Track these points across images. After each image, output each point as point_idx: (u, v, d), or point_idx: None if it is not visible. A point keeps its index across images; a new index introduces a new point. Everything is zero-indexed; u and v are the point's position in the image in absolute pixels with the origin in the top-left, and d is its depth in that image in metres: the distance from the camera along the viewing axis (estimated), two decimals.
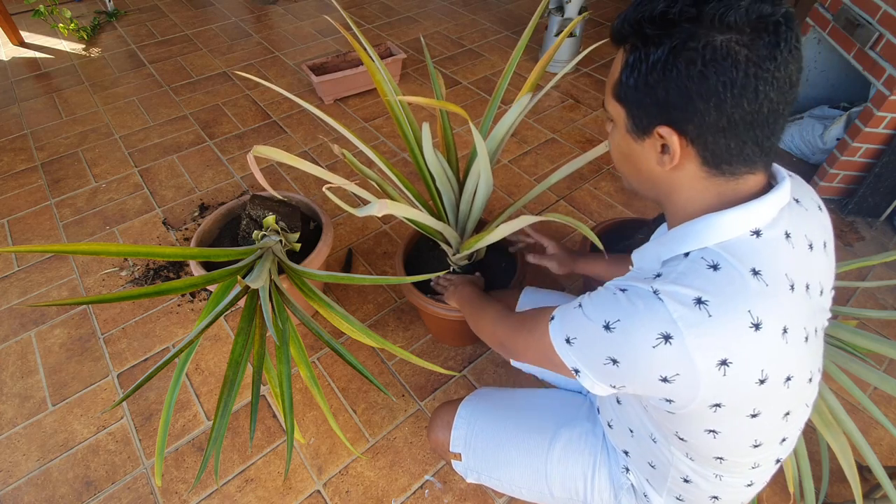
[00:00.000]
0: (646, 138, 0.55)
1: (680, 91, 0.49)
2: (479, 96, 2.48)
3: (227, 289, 1.09)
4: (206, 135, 2.25)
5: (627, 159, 0.60)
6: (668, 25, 0.48)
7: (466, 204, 1.11)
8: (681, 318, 0.50)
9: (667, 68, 0.49)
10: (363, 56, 1.00)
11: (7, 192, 1.97)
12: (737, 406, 0.54)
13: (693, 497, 0.72)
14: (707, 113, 0.49)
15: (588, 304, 0.58)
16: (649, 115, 0.53)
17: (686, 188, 0.57)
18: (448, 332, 1.41)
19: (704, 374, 0.50)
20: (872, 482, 1.15)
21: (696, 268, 0.53)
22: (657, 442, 0.69)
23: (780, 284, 0.52)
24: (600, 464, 0.83)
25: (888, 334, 1.50)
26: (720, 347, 0.50)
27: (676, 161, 0.54)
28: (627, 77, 0.53)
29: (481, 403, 0.95)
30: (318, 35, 2.99)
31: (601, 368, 0.56)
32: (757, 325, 0.50)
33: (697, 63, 0.47)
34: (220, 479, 1.21)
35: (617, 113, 0.57)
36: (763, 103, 0.49)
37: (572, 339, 0.59)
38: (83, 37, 2.94)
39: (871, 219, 1.87)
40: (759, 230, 0.54)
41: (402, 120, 1.08)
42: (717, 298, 0.50)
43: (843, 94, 2.15)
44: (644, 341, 0.51)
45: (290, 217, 1.34)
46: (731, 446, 0.60)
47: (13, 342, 1.49)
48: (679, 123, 0.52)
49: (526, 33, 1.09)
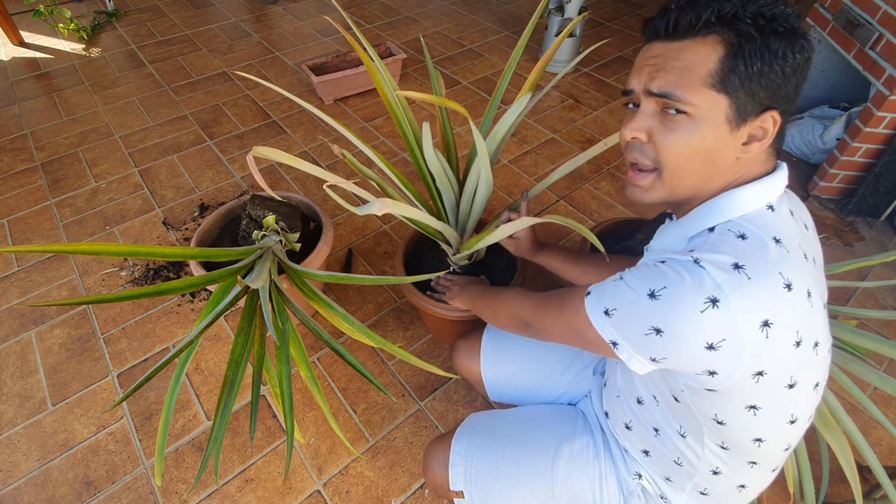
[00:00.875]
0: (742, 126, 0.57)
1: (788, 79, 0.55)
2: (478, 96, 2.48)
3: (227, 289, 1.09)
4: (206, 135, 2.25)
5: (705, 155, 0.58)
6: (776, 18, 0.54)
7: (466, 204, 1.11)
8: (724, 281, 0.52)
9: (782, 55, 0.54)
10: (363, 56, 1.00)
11: (7, 192, 1.97)
12: (777, 373, 0.55)
13: (719, 489, 0.71)
14: (795, 99, 0.57)
15: (629, 276, 0.58)
16: (756, 101, 0.56)
17: (734, 171, 0.60)
18: (448, 332, 1.41)
19: (749, 337, 0.52)
20: (872, 482, 1.15)
21: (726, 238, 0.56)
22: (686, 437, 0.68)
23: (797, 252, 0.56)
24: (607, 473, 0.82)
25: (888, 334, 1.50)
26: (762, 308, 0.52)
27: (767, 142, 0.58)
28: (744, 65, 0.54)
29: (475, 435, 0.92)
30: (318, 35, 2.99)
31: (642, 339, 0.56)
32: (789, 285, 0.53)
33: (804, 54, 0.54)
34: (220, 479, 1.21)
35: (711, 104, 0.56)
36: (800, 84, 0.57)
37: (612, 310, 0.58)
38: (83, 37, 2.94)
39: (871, 219, 1.87)
40: (773, 205, 0.59)
41: (401, 120, 1.08)
42: (752, 262, 0.53)
43: (843, 94, 2.15)
44: (692, 307, 0.52)
45: (290, 217, 1.34)
46: (770, 423, 0.60)
47: (13, 342, 1.49)
48: (785, 108, 0.57)
49: (526, 33, 1.09)
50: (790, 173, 2.03)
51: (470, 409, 1.33)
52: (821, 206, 1.91)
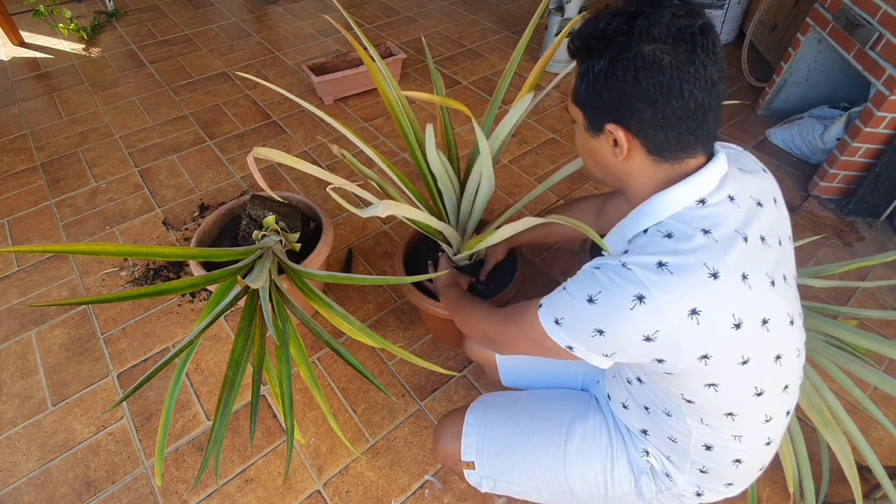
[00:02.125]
0: (600, 135, 0.65)
1: (620, 93, 0.59)
2: (479, 96, 2.48)
3: (227, 289, 1.09)
4: (206, 135, 2.25)
5: (589, 154, 0.70)
6: (607, 40, 0.58)
7: (468, 204, 1.11)
8: (648, 279, 0.57)
9: (608, 75, 0.58)
10: (364, 56, 1.00)
11: (7, 192, 1.97)
12: (723, 354, 0.60)
13: (716, 465, 0.74)
14: (644, 111, 0.58)
15: (571, 285, 0.64)
16: (599, 115, 0.63)
17: (639, 174, 0.65)
18: (448, 332, 1.41)
19: (679, 326, 0.57)
20: (872, 482, 1.15)
21: (654, 239, 0.62)
22: (671, 415, 0.72)
23: (730, 239, 0.60)
24: (618, 452, 0.84)
25: (888, 334, 1.50)
26: (686, 298, 0.57)
27: (625, 153, 0.63)
28: (580, 84, 0.62)
29: (489, 408, 0.94)
30: (318, 35, 2.99)
31: (590, 341, 0.62)
32: (714, 274, 0.57)
33: (631, 70, 0.57)
34: (220, 479, 1.21)
35: (576, 115, 0.67)
36: (689, 100, 0.57)
37: (560, 319, 0.64)
38: (83, 37, 2.94)
39: (871, 219, 1.87)
40: (704, 198, 0.62)
41: (402, 120, 1.08)
42: (675, 258, 0.58)
43: (843, 94, 2.15)
44: (622, 305, 0.58)
45: (290, 217, 1.34)
46: (734, 398, 0.65)
47: (13, 342, 1.49)
48: (623, 121, 0.61)
49: (526, 34, 1.09)
50: (790, 172, 2.01)
51: None
52: (821, 206, 1.91)
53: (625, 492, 0.82)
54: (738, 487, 0.78)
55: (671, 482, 0.79)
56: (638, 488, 0.82)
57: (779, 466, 1.23)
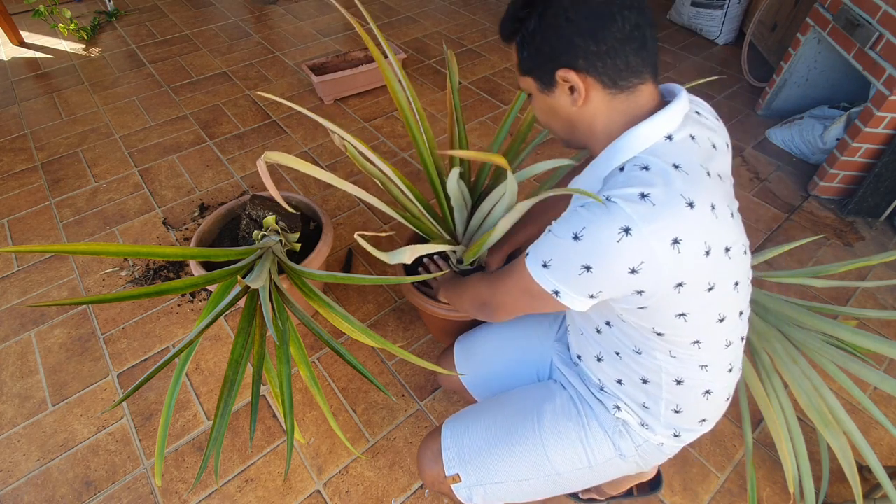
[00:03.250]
0: (554, 89, 0.67)
1: (559, 39, 0.62)
2: (478, 96, 2.48)
3: (227, 289, 1.09)
4: (206, 135, 2.25)
5: (551, 114, 0.72)
6: (531, 3, 0.62)
7: (478, 220, 1.11)
8: (633, 211, 0.59)
9: (544, 28, 0.62)
10: (374, 52, 1.01)
11: (7, 192, 1.97)
12: (694, 282, 0.63)
13: (688, 400, 0.77)
14: (587, 45, 0.61)
15: (556, 226, 0.66)
16: (548, 69, 0.65)
17: (601, 116, 0.67)
18: (448, 332, 1.41)
19: (663, 255, 0.59)
20: (872, 482, 1.15)
21: (633, 173, 0.63)
22: (641, 353, 0.75)
23: (697, 172, 0.63)
24: (588, 419, 0.85)
25: (888, 334, 1.50)
26: (669, 228, 0.59)
27: (583, 94, 0.65)
28: (521, 52, 0.67)
29: (460, 419, 0.95)
30: (318, 35, 2.99)
31: (577, 279, 0.63)
32: (691, 203, 0.60)
33: (561, 13, 0.60)
34: (220, 479, 1.21)
35: (528, 84, 0.70)
36: (625, 23, 0.60)
37: (548, 261, 0.66)
38: (83, 37, 2.94)
39: (871, 219, 1.87)
40: (671, 134, 0.65)
41: (414, 128, 1.08)
42: (656, 189, 0.60)
43: (843, 94, 2.15)
44: (609, 238, 0.59)
45: (290, 217, 1.34)
46: (701, 325, 0.68)
47: (13, 342, 1.49)
48: (571, 63, 0.63)
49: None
50: (790, 172, 2.01)
51: None
52: (821, 206, 1.91)
53: (606, 457, 0.84)
54: (710, 423, 0.82)
55: (648, 431, 0.81)
56: (618, 449, 0.83)
57: (779, 466, 1.23)
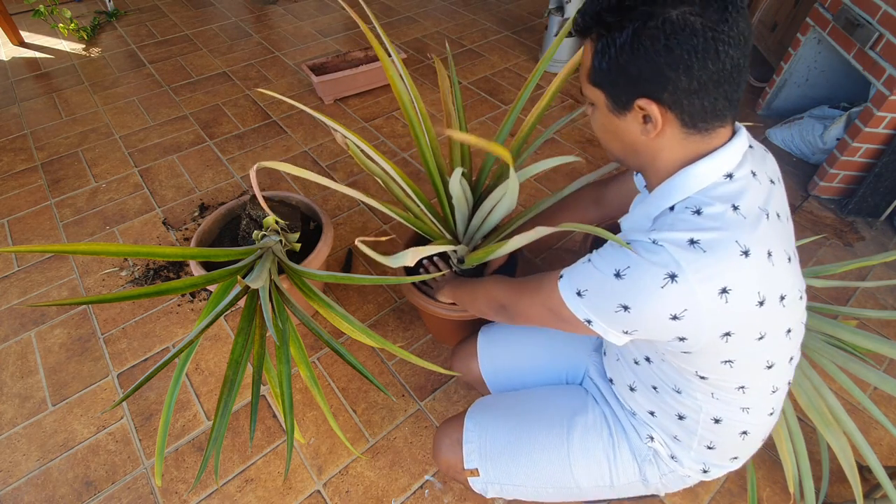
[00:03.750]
0: (627, 113, 0.61)
1: (650, 65, 0.55)
2: (479, 96, 2.48)
3: (227, 289, 1.09)
4: (206, 135, 2.25)
5: (613, 135, 0.66)
6: (626, 10, 0.54)
7: (479, 220, 1.11)
8: (681, 257, 0.56)
9: (634, 48, 0.55)
10: (378, 51, 1.01)
11: (7, 192, 1.97)
12: (744, 331, 0.59)
13: (723, 439, 0.74)
14: (678, 80, 0.55)
15: (597, 258, 0.63)
16: (627, 92, 0.59)
17: (668, 150, 0.62)
18: (448, 332, 1.41)
19: (708, 305, 0.56)
20: (872, 482, 1.15)
21: (683, 216, 0.60)
22: (681, 392, 0.72)
23: (756, 216, 0.59)
24: (619, 441, 0.83)
25: (888, 334, 1.50)
26: (718, 277, 0.56)
27: (660, 127, 0.59)
28: (599, 62, 0.59)
29: (486, 412, 0.92)
30: (318, 35, 2.99)
31: (612, 315, 0.61)
32: (746, 252, 0.56)
33: (661, 38, 0.53)
34: (220, 479, 1.21)
35: (595, 96, 0.63)
36: (726, 61, 0.54)
37: (583, 291, 0.63)
38: (83, 37, 2.94)
39: (871, 219, 1.87)
40: (731, 173, 0.60)
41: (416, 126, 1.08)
42: (707, 235, 0.56)
43: (843, 94, 2.15)
44: (653, 283, 0.56)
45: (290, 217, 1.34)
46: (747, 372, 0.65)
47: (13, 342, 1.49)
48: (655, 93, 0.57)
49: (552, 48, 1.09)
50: (790, 172, 2.01)
51: None
52: (821, 206, 1.91)
53: (630, 480, 0.83)
54: (741, 461, 0.80)
55: (676, 464, 0.80)
56: (642, 475, 0.82)
57: (779, 466, 1.23)
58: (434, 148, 1.11)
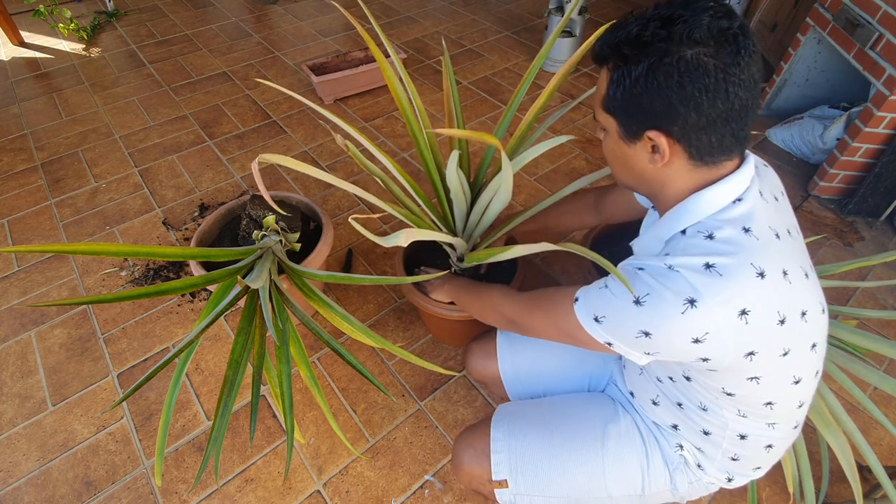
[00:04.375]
0: (636, 142, 0.63)
1: (662, 99, 0.57)
2: (479, 96, 2.48)
3: (227, 289, 1.09)
4: (206, 135, 2.25)
5: (622, 162, 0.68)
6: (643, 45, 0.56)
7: (477, 215, 1.10)
8: (698, 282, 0.57)
9: (648, 81, 0.57)
10: (375, 51, 1.01)
11: (7, 192, 1.97)
12: (768, 349, 0.60)
13: (748, 452, 0.75)
14: (688, 115, 0.57)
15: (613, 284, 0.63)
16: (638, 122, 0.61)
17: (675, 180, 0.64)
18: (448, 332, 1.41)
19: (729, 327, 0.57)
20: (872, 482, 1.15)
21: (695, 241, 0.61)
22: (707, 410, 0.73)
23: (767, 236, 0.61)
24: (652, 450, 0.83)
25: (888, 334, 1.50)
26: (737, 299, 0.56)
27: (667, 159, 0.61)
28: (614, 91, 0.61)
29: (514, 421, 0.90)
30: (318, 35, 2.99)
31: (633, 341, 0.62)
32: (761, 273, 0.57)
33: (674, 75, 0.55)
34: (220, 479, 1.21)
35: (608, 123, 0.65)
36: (734, 101, 0.57)
37: (601, 317, 0.64)
38: (83, 37, 2.94)
39: (871, 219, 1.87)
40: (740, 196, 0.62)
41: (415, 125, 1.08)
42: (722, 259, 0.58)
43: (843, 94, 2.15)
44: (672, 310, 0.57)
45: (290, 217, 1.34)
46: (774, 388, 0.66)
47: (13, 342, 1.49)
48: (665, 126, 0.59)
49: (546, 47, 1.09)
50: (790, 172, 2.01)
51: (470, 410, 1.34)
52: (821, 206, 1.91)
53: (660, 489, 0.83)
54: (764, 470, 0.80)
55: (702, 472, 0.80)
56: (673, 483, 0.82)
57: (779, 466, 1.23)
58: (433, 146, 1.11)
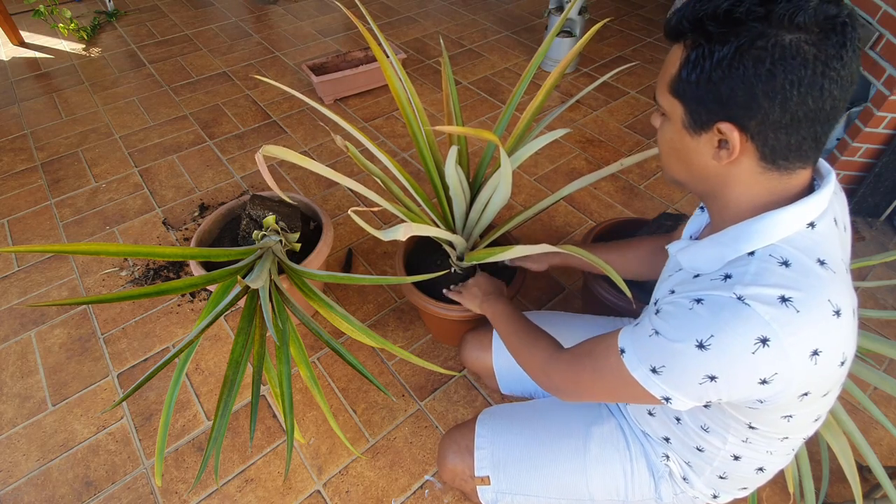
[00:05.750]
0: (703, 133, 0.55)
1: (745, 88, 0.50)
2: (479, 96, 2.48)
3: (227, 289, 1.09)
4: (206, 135, 2.25)
5: (679, 154, 0.60)
6: (733, 24, 0.48)
7: (476, 213, 1.10)
8: (773, 318, 0.50)
9: (733, 66, 0.49)
10: (376, 51, 1.01)
11: (7, 192, 1.97)
12: (817, 390, 0.56)
13: (738, 473, 0.73)
14: (771, 110, 0.50)
15: (666, 328, 0.56)
16: (709, 112, 0.53)
17: (739, 183, 0.57)
18: (448, 332, 1.41)
19: (799, 367, 0.51)
20: (872, 482, 1.15)
21: (769, 267, 0.53)
22: (709, 431, 0.69)
23: (841, 269, 0.55)
24: (636, 455, 0.82)
25: (888, 334, 1.50)
26: (812, 338, 0.51)
27: (735, 157, 0.54)
28: (689, 73, 0.53)
29: (499, 419, 0.90)
30: (318, 35, 2.99)
31: (697, 388, 0.55)
32: (837, 311, 0.52)
33: (766, 62, 0.48)
34: (220, 479, 1.21)
35: (672, 108, 0.57)
36: (827, 101, 0.49)
37: (659, 367, 0.56)
38: (83, 37, 2.94)
39: (871, 219, 1.87)
40: (814, 222, 0.55)
41: (414, 125, 1.08)
42: (800, 293, 0.51)
43: None
44: (743, 350, 0.51)
45: (290, 217, 1.34)
46: (799, 425, 0.62)
47: (13, 342, 1.49)
48: (741, 119, 0.52)
49: (545, 45, 1.09)
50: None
51: (470, 409, 1.34)
52: None
53: (644, 496, 0.81)
54: (748, 491, 0.78)
55: (688, 485, 0.79)
56: (658, 492, 0.81)
57: None
58: (432, 145, 1.11)
